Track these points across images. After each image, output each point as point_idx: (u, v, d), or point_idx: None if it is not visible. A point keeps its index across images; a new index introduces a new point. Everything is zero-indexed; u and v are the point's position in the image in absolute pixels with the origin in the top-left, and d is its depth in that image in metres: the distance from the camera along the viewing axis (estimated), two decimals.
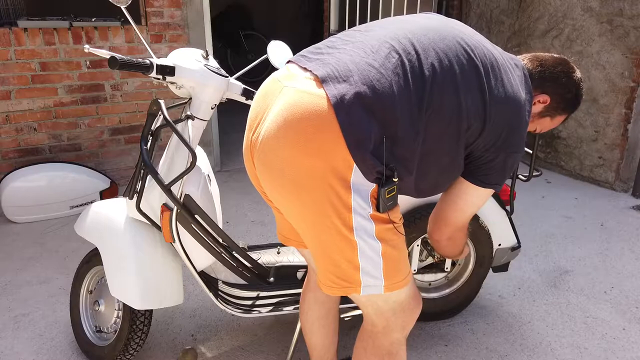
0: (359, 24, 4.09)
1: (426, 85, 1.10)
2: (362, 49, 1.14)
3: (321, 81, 1.09)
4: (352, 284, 1.18)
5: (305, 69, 1.16)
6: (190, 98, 1.62)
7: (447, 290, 2.11)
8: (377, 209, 1.13)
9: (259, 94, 1.25)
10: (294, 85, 1.13)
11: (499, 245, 2.07)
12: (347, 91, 1.07)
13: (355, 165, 1.08)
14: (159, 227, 1.66)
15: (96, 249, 1.82)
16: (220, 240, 1.74)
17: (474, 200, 1.26)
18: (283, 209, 1.20)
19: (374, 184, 1.11)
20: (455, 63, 1.13)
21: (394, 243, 1.18)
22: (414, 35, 1.15)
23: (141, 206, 1.62)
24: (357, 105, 1.06)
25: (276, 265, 1.91)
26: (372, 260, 1.16)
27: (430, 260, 2.08)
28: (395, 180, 1.12)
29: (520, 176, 1.99)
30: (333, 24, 4.35)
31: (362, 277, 1.17)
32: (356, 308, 1.98)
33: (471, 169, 1.22)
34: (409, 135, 1.09)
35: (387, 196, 1.12)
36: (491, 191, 1.25)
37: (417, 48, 1.13)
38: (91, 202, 3.19)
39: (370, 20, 4.11)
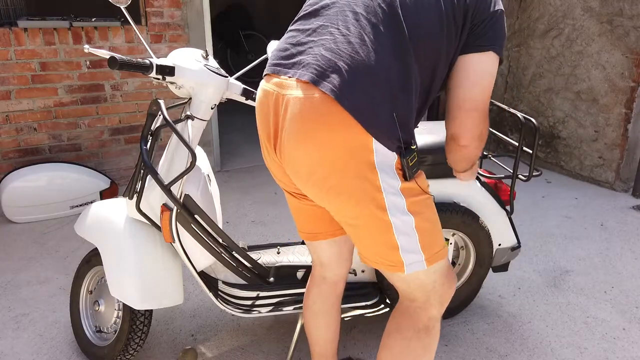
0: None
1: (399, 23, 1.13)
2: (328, 32, 1.17)
3: (314, 83, 1.12)
4: (396, 264, 1.22)
5: (289, 77, 1.19)
6: (190, 98, 1.62)
7: None
8: (405, 179, 1.17)
9: (260, 108, 1.27)
10: (293, 93, 1.16)
11: (499, 245, 2.07)
12: (340, 80, 1.10)
13: (374, 144, 1.11)
14: (159, 227, 1.66)
15: (96, 249, 1.82)
16: (220, 240, 1.74)
17: (484, 67, 1.20)
18: (322, 204, 1.25)
19: (397, 156, 1.15)
20: None
21: (426, 216, 1.22)
22: None
23: (141, 206, 1.62)
24: (356, 86, 1.10)
25: (276, 265, 1.91)
26: (407, 236, 1.19)
27: None
28: (414, 147, 1.17)
29: (520, 176, 1.98)
30: None
31: (402, 255, 1.20)
32: (356, 308, 1.98)
33: (469, 41, 1.20)
34: (409, 78, 1.13)
35: (410, 164, 1.17)
36: (495, 57, 1.20)
37: None
38: (91, 202, 3.19)
39: None
